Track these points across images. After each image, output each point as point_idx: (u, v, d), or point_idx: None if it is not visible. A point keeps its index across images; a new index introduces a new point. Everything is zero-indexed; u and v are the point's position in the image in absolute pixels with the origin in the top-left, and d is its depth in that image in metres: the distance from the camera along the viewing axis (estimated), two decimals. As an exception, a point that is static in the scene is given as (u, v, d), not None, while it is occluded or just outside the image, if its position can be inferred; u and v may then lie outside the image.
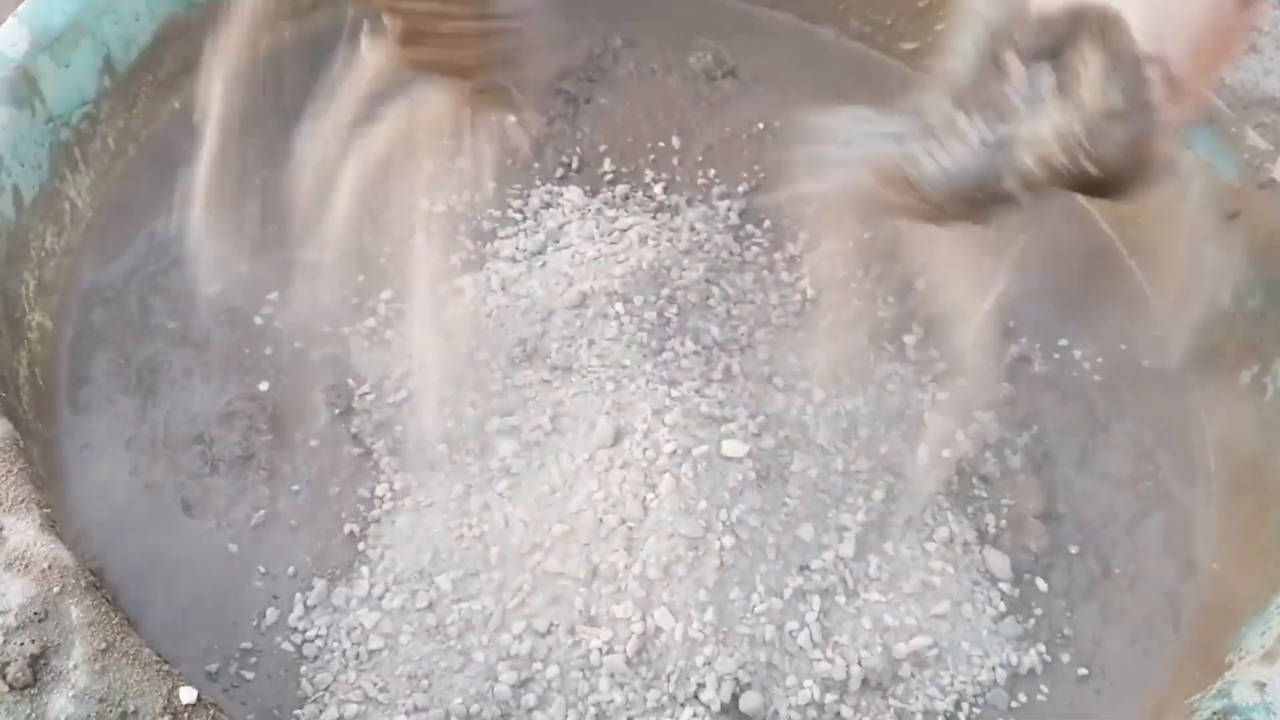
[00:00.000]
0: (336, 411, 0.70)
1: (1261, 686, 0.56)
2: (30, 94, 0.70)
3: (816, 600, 0.64)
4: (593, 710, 0.59)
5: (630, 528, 0.63)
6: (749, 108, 0.93)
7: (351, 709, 0.58)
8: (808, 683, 0.61)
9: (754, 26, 1.00)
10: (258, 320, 0.73)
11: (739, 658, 0.61)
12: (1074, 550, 0.71)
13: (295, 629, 0.61)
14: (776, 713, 0.60)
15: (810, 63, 0.98)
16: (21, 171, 0.68)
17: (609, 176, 0.86)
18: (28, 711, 0.47)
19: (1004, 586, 0.68)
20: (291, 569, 0.63)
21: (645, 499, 0.64)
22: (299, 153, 0.65)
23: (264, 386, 0.70)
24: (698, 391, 0.71)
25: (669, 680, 0.60)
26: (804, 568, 0.65)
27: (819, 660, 0.62)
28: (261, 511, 0.65)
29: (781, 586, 0.64)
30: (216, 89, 0.63)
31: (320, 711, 0.58)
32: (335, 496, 0.67)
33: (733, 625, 0.62)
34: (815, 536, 0.67)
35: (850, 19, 0.98)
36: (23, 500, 0.53)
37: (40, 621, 0.49)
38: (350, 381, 0.71)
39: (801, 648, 0.63)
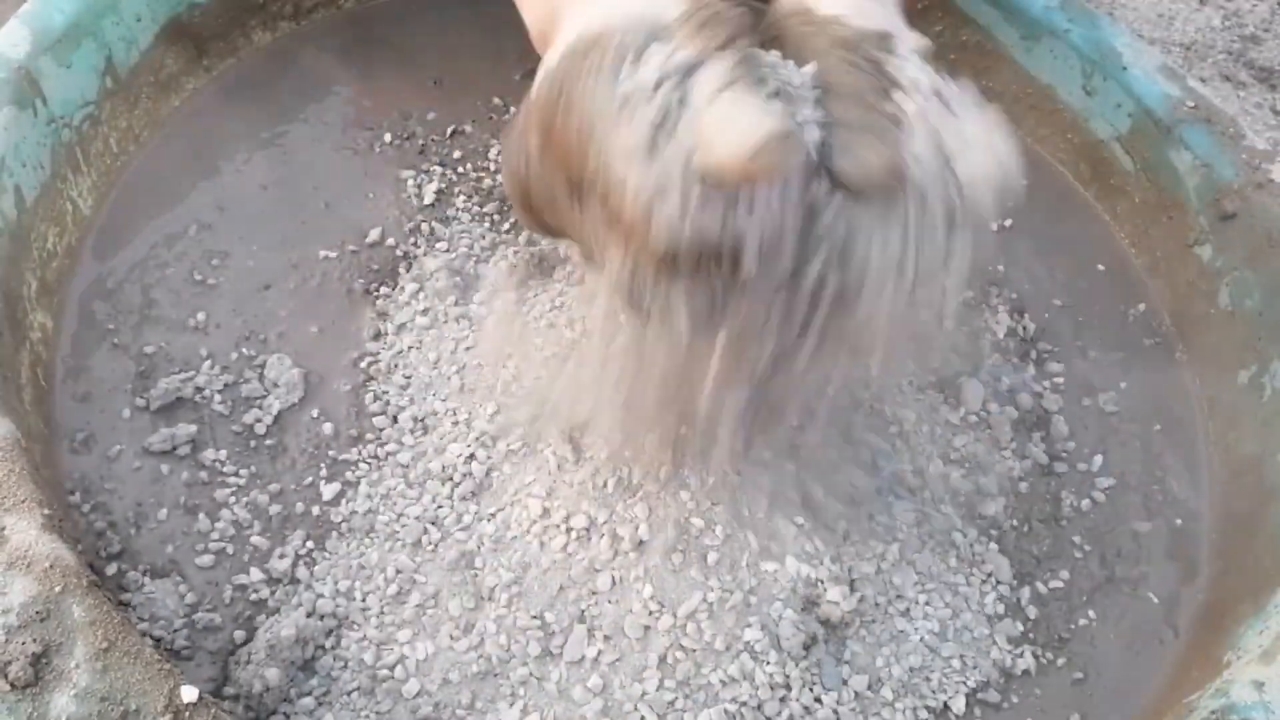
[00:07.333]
0: (361, 380, 0.71)
1: (1260, 685, 0.56)
2: (32, 95, 0.70)
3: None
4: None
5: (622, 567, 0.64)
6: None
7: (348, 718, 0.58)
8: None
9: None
10: (268, 305, 0.74)
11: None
12: (1079, 555, 0.71)
13: (294, 615, 0.61)
14: (760, 706, 0.60)
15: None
16: (24, 172, 0.69)
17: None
18: (29, 710, 0.47)
19: (1004, 589, 0.68)
20: (294, 548, 0.64)
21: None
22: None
23: (271, 370, 0.70)
24: None
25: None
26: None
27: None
28: (266, 496, 0.66)
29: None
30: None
31: (317, 705, 0.58)
32: (342, 466, 0.67)
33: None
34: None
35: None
36: (24, 500, 0.54)
37: (42, 620, 0.49)
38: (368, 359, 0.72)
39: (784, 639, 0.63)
